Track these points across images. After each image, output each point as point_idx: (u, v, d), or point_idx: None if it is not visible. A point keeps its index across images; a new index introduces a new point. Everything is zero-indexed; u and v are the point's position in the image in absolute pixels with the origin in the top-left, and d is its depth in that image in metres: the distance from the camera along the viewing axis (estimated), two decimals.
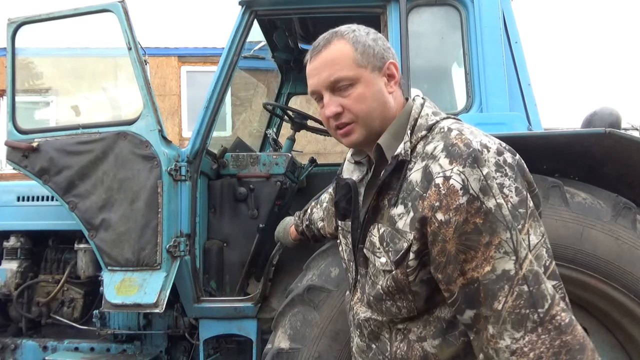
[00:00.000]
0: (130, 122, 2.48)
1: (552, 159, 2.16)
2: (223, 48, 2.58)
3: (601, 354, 2.09)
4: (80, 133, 2.54)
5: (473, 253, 0.95)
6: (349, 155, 1.40)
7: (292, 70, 4.01)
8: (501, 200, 0.95)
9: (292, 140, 3.46)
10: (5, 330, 3.03)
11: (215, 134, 2.64)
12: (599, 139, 1.97)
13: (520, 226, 0.94)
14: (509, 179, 0.97)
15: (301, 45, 3.68)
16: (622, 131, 2.16)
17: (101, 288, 2.54)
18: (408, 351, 1.13)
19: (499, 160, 0.98)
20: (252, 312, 2.53)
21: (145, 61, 2.50)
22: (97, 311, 2.84)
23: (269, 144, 3.74)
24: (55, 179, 2.51)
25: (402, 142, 1.12)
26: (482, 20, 2.46)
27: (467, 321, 1.00)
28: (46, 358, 2.73)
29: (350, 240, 1.31)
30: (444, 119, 1.15)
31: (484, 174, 0.96)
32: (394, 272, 1.10)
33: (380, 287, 1.15)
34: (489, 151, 0.98)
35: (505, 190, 0.95)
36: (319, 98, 1.18)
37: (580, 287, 2.00)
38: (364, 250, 1.21)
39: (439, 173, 1.00)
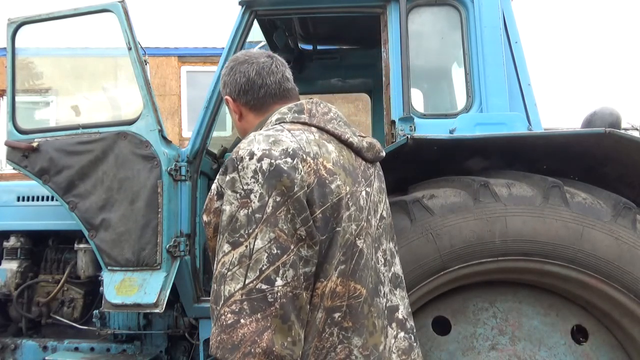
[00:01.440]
0: (130, 122, 2.48)
1: (552, 159, 2.16)
2: (223, 48, 2.58)
3: (601, 354, 2.11)
4: (80, 133, 2.54)
5: None
6: None
7: (292, 70, 3.99)
8: (226, 207, 1.05)
9: None
10: (5, 330, 3.03)
11: (215, 134, 2.64)
12: (599, 139, 1.97)
13: (250, 230, 1.02)
14: (258, 185, 1.04)
15: (301, 45, 3.68)
16: (622, 131, 2.16)
17: (101, 288, 2.54)
18: None
19: (257, 167, 1.05)
20: None
21: (145, 61, 2.50)
22: (97, 311, 2.84)
23: None
24: (55, 179, 2.51)
25: None
26: (482, 20, 2.46)
27: None
28: (46, 358, 2.73)
29: None
30: (275, 123, 1.22)
31: (227, 180, 1.07)
32: None
33: None
34: (251, 158, 1.06)
35: (252, 196, 1.03)
36: None
37: (580, 287, 2.00)
38: None
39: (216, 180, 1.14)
